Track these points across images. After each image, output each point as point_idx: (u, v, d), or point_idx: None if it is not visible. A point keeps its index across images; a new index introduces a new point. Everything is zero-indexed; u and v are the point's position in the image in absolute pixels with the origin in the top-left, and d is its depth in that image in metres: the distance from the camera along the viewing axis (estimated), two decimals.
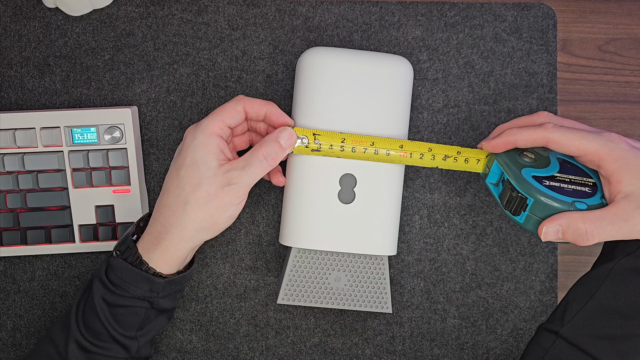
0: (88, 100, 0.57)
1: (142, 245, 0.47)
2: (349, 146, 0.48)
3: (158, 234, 0.47)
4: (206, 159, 0.46)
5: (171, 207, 0.46)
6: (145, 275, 0.46)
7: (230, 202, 0.46)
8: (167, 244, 0.46)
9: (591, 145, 0.42)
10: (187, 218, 0.46)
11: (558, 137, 0.43)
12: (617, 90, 0.58)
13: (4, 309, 0.57)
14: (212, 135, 0.46)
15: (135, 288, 0.46)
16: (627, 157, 0.41)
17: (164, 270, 0.47)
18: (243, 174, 0.46)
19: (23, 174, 0.53)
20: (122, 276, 0.46)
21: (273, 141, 0.47)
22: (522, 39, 0.57)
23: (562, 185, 0.43)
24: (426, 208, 0.58)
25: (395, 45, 0.57)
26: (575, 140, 0.43)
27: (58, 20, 0.56)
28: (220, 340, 0.58)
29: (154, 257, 0.47)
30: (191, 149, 0.46)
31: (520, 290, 0.58)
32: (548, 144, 0.44)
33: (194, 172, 0.45)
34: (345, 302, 0.52)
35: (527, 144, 0.45)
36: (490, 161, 0.47)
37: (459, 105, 0.57)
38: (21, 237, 0.54)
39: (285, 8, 0.57)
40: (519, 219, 0.43)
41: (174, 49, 0.56)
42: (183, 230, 0.46)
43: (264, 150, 0.47)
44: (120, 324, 0.46)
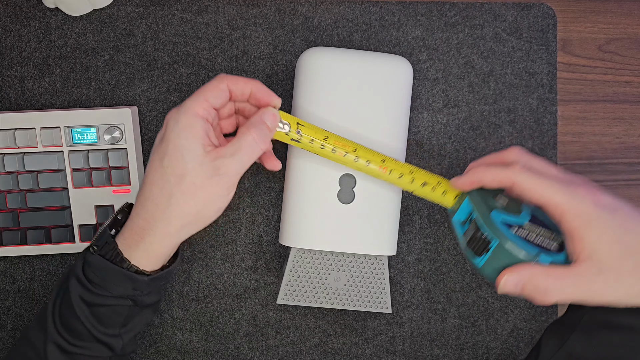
0: (88, 100, 0.57)
1: (122, 241, 0.44)
2: (330, 146, 0.46)
3: (140, 229, 0.43)
4: (191, 145, 0.41)
5: (155, 200, 0.42)
6: (127, 274, 0.43)
7: (219, 193, 0.42)
8: (151, 241, 0.43)
9: (554, 197, 0.38)
10: (173, 213, 0.42)
11: (523, 181, 0.40)
12: (617, 90, 0.58)
13: (4, 309, 0.57)
14: (196, 117, 0.42)
15: (117, 287, 0.43)
16: (590, 215, 0.37)
17: (147, 267, 0.44)
18: (232, 162, 0.42)
19: (23, 174, 0.53)
20: (101, 274, 0.43)
21: (259, 122, 0.43)
22: (522, 38, 0.57)
23: (529, 235, 0.40)
24: (426, 208, 0.58)
25: (395, 45, 0.57)
26: (539, 187, 0.39)
27: (58, 20, 0.56)
28: (220, 340, 0.58)
29: (137, 255, 0.43)
30: (174, 134, 0.42)
31: None
32: (513, 186, 0.41)
33: (178, 160, 0.41)
34: (345, 302, 0.52)
35: (493, 185, 0.42)
36: (462, 198, 0.44)
37: (459, 105, 0.57)
38: (21, 237, 0.54)
39: (285, 8, 0.57)
40: (478, 261, 0.40)
41: (174, 49, 0.56)
42: (168, 225, 0.43)
43: (253, 132, 0.43)
44: (103, 322, 0.44)
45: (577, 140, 0.58)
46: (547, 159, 0.58)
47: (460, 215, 0.43)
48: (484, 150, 0.57)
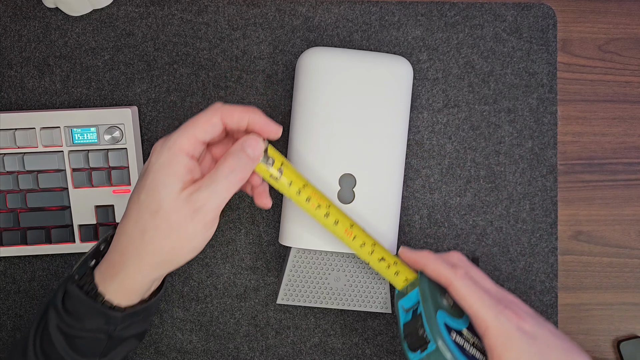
0: (88, 100, 0.57)
1: (99, 274, 0.42)
2: (305, 195, 0.44)
3: (115, 263, 0.41)
4: (168, 182, 0.39)
5: (129, 235, 0.40)
6: (99, 309, 0.41)
7: (195, 230, 0.40)
8: (124, 277, 0.41)
9: (482, 311, 0.40)
10: (145, 250, 0.40)
11: (459, 287, 0.41)
12: (617, 90, 0.58)
13: (4, 309, 0.57)
14: (179, 153, 0.40)
15: (89, 321, 0.41)
16: (511, 337, 0.39)
17: (121, 302, 0.42)
18: (208, 195, 0.39)
19: (23, 174, 0.53)
20: (76, 307, 0.41)
21: (238, 151, 0.41)
22: (522, 38, 0.57)
23: (465, 344, 0.41)
24: (426, 208, 0.58)
25: (395, 45, 0.57)
26: (471, 298, 0.41)
27: (58, 20, 0.56)
28: (220, 340, 0.58)
29: (111, 289, 0.41)
30: (154, 168, 0.40)
31: (520, 291, 0.58)
32: (449, 287, 0.42)
33: (153, 196, 0.39)
34: (345, 302, 0.52)
35: (432, 275, 0.43)
36: (413, 286, 0.44)
37: (459, 105, 0.57)
38: (21, 237, 0.54)
39: (285, 8, 0.57)
40: (412, 356, 0.41)
41: (174, 49, 0.56)
42: (140, 262, 0.40)
43: (229, 162, 0.40)
44: (81, 353, 0.42)
45: (577, 140, 0.58)
46: (547, 158, 0.58)
47: (406, 301, 0.44)
48: (483, 150, 0.57)
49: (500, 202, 0.58)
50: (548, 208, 0.58)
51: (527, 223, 0.58)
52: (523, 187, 0.58)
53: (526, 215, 0.58)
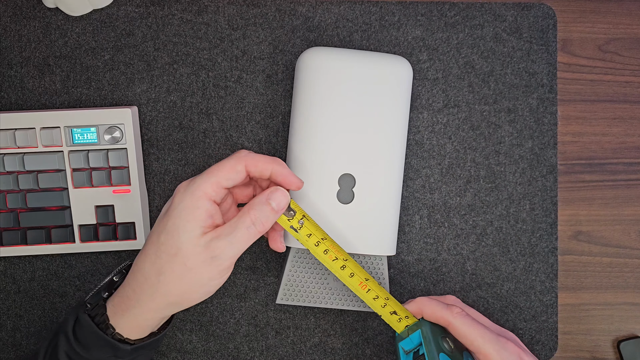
0: (88, 100, 0.57)
1: (111, 306, 0.43)
2: (324, 247, 0.46)
3: (128, 299, 0.42)
4: (188, 227, 0.40)
5: (145, 273, 0.42)
6: (109, 341, 0.42)
7: (210, 276, 0.41)
8: (135, 313, 0.42)
9: (485, 347, 0.42)
10: (159, 290, 0.41)
11: (459, 325, 0.43)
12: (617, 90, 0.58)
13: (4, 309, 0.57)
14: (201, 199, 0.40)
15: (98, 352, 0.42)
16: None
17: (131, 336, 0.43)
18: (227, 244, 0.40)
19: (23, 174, 0.53)
20: (86, 336, 0.42)
21: (263, 204, 0.42)
22: (522, 38, 0.57)
23: None
24: (426, 208, 0.58)
25: (395, 45, 0.57)
26: (473, 334, 0.42)
27: (58, 20, 0.56)
28: (220, 340, 0.58)
29: (122, 323, 0.43)
30: (176, 212, 0.41)
31: (520, 291, 0.58)
32: (448, 327, 0.44)
33: (173, 239, 0.40)
34: (345, 302, 0.52)
35: (430, 318, 0.45)
36: (413, 329, 0.45)
37: (459, 105, 0.57)
38: (21, 237, 0.54)
39: (285, 8, 0.57)
40: None
41: (174, 49, 0.56)
42: (153, 301, 0.42)
43: (252, 214, 0.41)
44: None
45: (577, 140, 0.58)
46: (547, 158, 0.58)
47: (407, 344, 0.44)
48: (483, 150, 0.57)
49: (500, 202, 0.58)
50: (548, 208, 0.58)
51: (527, 223, 0.58)
52: (523, 187, 0.58)
53: (526, 215, 0.58)
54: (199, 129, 0.57)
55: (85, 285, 0.57)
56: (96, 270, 0.57)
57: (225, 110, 0.57)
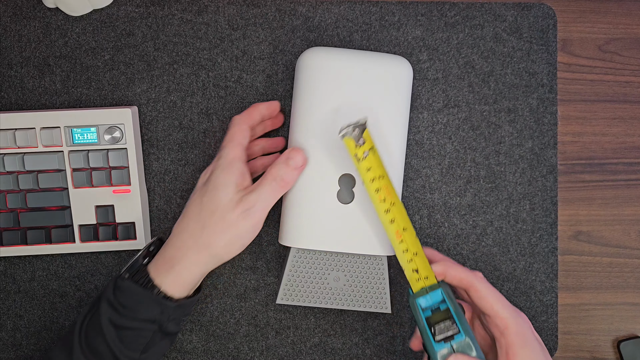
0: (88, 100, 0.57)
1: (153, 268, 0.48)
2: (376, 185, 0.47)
3: (172, 257, 0.47)
4: (226, 184, 0.47)
5: (189, 231, 0.47)
6: (156, 299, 0.46)
7: (245, 228, 0.46)
8: (181, 268, 0.47)
9: (503, 312, 0.45)
10: (203, 243, 0.47)
11: (481, 288, 0.46)
12: (617, 90, 0.58)
13: (4, 309, 0.57)
14: (234, 161, 0.48)
15: (146, 311, 0.46)
16: (527, 337, 0.44)
17: (174, 294, 0.47)
18: (256, 198, 0.46)
19: (23, 174, 0.53)
20: (131, 299, 0.46)
21: (282, 162, 0.48)
22: (522, 38, 0.57)
23: None
24: (426, 208, 0.58)
25: (395, 45, 0.57)
26: (493, 299, 0.45)
27: (58, 20, 0.56)
28: (220, 340, 0.58)
29: (166, 281, 0.47)
30: (214, 177, 0.48)
31: (520, 291, 0.58)
32: (470, 289, 0.46)
33: (213, 198, 0.47)
34: (345, 302, 0.52)
35: (453, 281, 0.47)
36: (433, 288, 0.47)
37: (459, 105, 0.57)
38: (21, 237, 0.54)
39: (285, 8, 0.57)
40: (437, 347, 0.44)
41: (174, 49, 0.56)
42: (198, 254, 0.47)
43: (273, 171, 0.48)
44: (126, 345, 0.46)
45: (577, 140, 0.58)
46: (547, 158, 0.58)
47: (425, 300, 0.46)
48: (484, 150, 0.57)
49: (500, 202, 0.58)
50: (548, 208, 0.58)
51: (527, 223, 0.58)
52: (523, 187, 0.58)
53: (526, 215, 0.58)
54: (199, 129, 0.57)
55: (85, 285, 0.57)
56: (96, 270, 0.57)
57: (225, 110, 0.57)
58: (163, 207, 0.57)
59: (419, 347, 0.51)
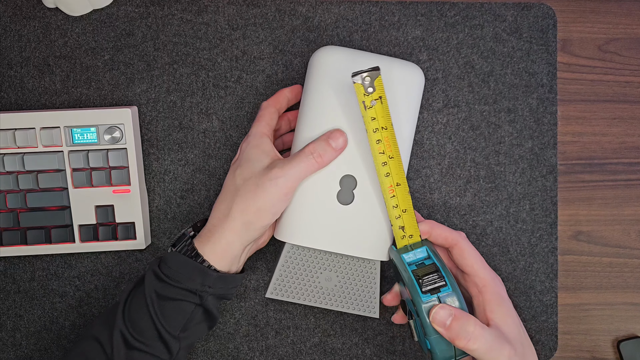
0: (88, 100, 0.57)
1: (197, 241, 0.49)
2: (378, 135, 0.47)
3: (212, 227, 0.49)
4: (258, 155, 0.49)
5: (225, 201, 0.49)
6: (199, 267, 0.47)
7: (277, 196, 0.47)
8: (219, 236, 0.48)
9: (483, 271, 0.47)
10: (236, 208, 0.48)
11: (465, 247, 0.48)
12: (617, 90, 0.58)
13: (4, 309, 0.57)
14: (262, 136, 0.50)
15: (189, 279, 0.47)
16: (503, 296, 0.47)
17: (216, 264, 0.48)
18: (289, 167, 0.47)
19: (23, 174, 0.53)
20: (176, 268, 0.47)
21: (323, 140, 0.48)
22: (522, 38, 0.57)
23: None
24: (426, 208, 0.58)
25: (395, 46, 0.57)
26: (474, 258, 0.48)
27: (58, 20, 0.56)
28: (220, 340, 0.58)
29: (207, 249, 0.48)
30: (246, 151, 0.49)
31: (520, 290, 0.58)
32: (454, 247, 0.48)
33: (247, 168, 0.48)
34: (334, 302, 0.52)
35: (438, 240, 0.49)
36: (417, 245, 0.49)
37: (459, 105, 0.57)
38: (21, 237, 0.54)
39: (285, 8, 0.57)
40: (424, 298, 0.45)
41: (174, 49, 0.56)
42: (233, 221, 0.48)
43: (312, 146, 0.48)
44: (167, 319, 0.47)
45: (577, 140, 0.58)
46: (547, 158, 0.58)
47: (410, 256, 0.48)
48: (483, 150, 0.57)
49: (500, 202, 0.58)
50: (548, 208, 0.58)
51: (527, 223, 0.58)
52: (523, 187, 0.58)
53: (526, 215, 0.58)
54: (199, 129, 0.57)
55: (85, 286, 0.57)
56: (96, 270, 0.57)
57: (225, 110, 0.57)
58: (163, 207, 0.57)
59: (393, 302, 0.52)
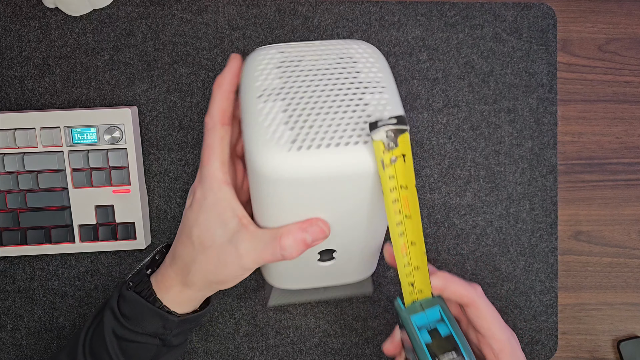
0: (88, 100, 0.57)
1: (155, 282, 0.45)
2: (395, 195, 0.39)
3: (170, 278, 0.44)
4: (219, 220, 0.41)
5: (183, 260, 0.43)
6: (159, 312, 0.44)
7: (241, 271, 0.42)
8: (178, 291, 0.44)
9: (500, 334, 0.43)
10: (197, 276, 0.43)
11: (483, 306, 0.43)
12: (617, 90, 0.58)
13: (4, 309, 0.57)
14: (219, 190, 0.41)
15: (148, 324, 0.44)
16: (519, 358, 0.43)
17: (177, 310, 0.45)
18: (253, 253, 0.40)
19: (23, 174, 0.53)
20: (135, 310, 0.44)
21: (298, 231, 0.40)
22: (522, 38, 0.57)
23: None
24: (426, 208, 0.58)
25: (395, 45, 0.57)
26: (492, 321, 0.43)
27: (58, 20, 0.56)
28: (220, 340, 0.58)
29: (168, 298, 0.44)
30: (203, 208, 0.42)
31: (520, 291, 0.58)
32: (469, 305, 0.43)
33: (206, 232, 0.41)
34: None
35: (453, 295, 0.43)
36: (429, 304, 0.42)
37: (459, 105, 0.57)
38: (21, 237, 0.54)
39: (285, 8, 0.57)
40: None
41: (174, 49, 0.56)
42: (192, 285, 0.44)
43: (284, 241, 0.40)
44: (130, 358, 0.44)
45: (577, 140, 0.58)
46: (547, 158, 0.58)
47: (421, 319, 0.42)
48: (484, 150, 0.57)
49: (500, 202, 0.58)
50: (548, 208, 0.58)
51: (527, 223, 0.58)
52: (523, 187, 0.58)
53: (526, 215, 0.58)
54: (199, 129, 0.57)
55: (85, 286, 0.57)
56: (96, 271, 0.57)
57: None
58: (163, 207, 0.57)
59: (395, 352, 0.46)
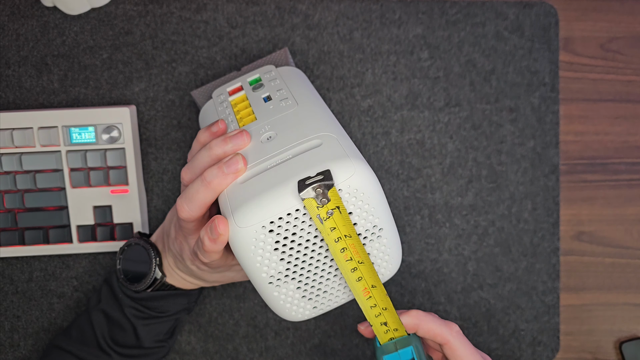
0: (86, 99, 0.56)
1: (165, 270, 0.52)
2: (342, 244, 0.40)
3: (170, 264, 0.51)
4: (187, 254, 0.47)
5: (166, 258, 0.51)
6: (183, 292, 0.51)
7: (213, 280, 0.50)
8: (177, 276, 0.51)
9: None
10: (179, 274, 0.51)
11: (458, 346, 0.42)
12: (619, 88, 0.58)
13: (2, 310, 0.57)
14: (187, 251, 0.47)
15: (174, 304, 0.51)
16: None
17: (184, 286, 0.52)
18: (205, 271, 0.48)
19: (21, 174, 0.53)
20: (158, 303, 0.50)
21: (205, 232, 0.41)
22: (524, 37, 0.57)
23: None
24: (427, 208, 0.57)
25: (396, 44, 0.57)
26: (470, 357, 0.42)
27: (56, 19, 0.56)
28: (219, 341, 0.57)
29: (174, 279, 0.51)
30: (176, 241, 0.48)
31: (522, 291, 0.58)
32: (445, 345, 0.42)
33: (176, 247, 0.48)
34: None
35: (427, 334, 0.42)
36: (403, 344, 0.42)
37: (461, 104, 0.57)
38: (19, 238, 0.54)
39: (285, 6, 0.56)
40: None
41: (173, 47, 0.56)
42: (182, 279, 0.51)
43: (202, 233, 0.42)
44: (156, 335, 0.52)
45: (579, 139, 0.58)
46: (549, 158, 0.57)
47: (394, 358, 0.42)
48: (485, 149, 0.57)
49: (502, 201, 0.57)
50: (550, 208, 0.57)
51: (529, 223, 0.57)
52: (525, 187, 0.57)
53: (528, 215, 0.57)
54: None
55: (83, 286, 0.57)
56: (94, 271, 0.57)
57: None
58: (161, 207, 0.57)
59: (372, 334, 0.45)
